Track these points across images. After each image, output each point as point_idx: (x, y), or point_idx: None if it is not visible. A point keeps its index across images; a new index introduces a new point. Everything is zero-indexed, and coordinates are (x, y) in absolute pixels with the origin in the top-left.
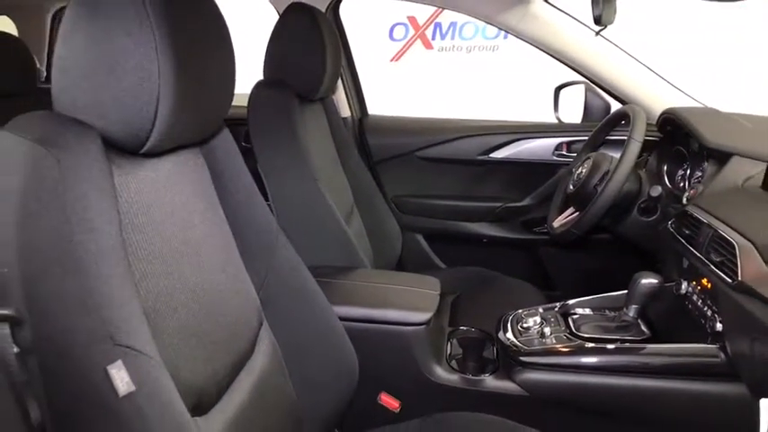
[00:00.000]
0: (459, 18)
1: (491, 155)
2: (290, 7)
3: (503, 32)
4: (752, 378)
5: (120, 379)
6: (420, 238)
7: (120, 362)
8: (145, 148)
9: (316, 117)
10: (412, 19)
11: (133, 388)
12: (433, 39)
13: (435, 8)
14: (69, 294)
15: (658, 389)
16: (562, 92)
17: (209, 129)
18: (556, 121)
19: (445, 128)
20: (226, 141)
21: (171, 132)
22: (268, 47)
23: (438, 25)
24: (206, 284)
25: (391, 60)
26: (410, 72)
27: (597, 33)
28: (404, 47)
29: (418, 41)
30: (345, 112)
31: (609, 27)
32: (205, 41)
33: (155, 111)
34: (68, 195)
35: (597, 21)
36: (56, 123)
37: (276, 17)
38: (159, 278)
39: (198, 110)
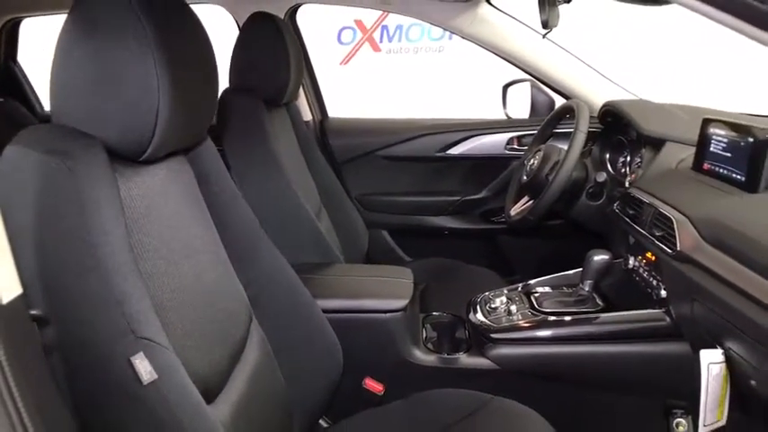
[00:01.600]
0: (405, 21)
1: (448, 151)
2: (253, 16)
3: (447, 34)
4: (693, 335)
5: (144, 368)
6: (385, 233)
7: (141, 353)
8: (145, 155)
9: (282, 121)
10: (359, 22)
11: (156, 376)
12: (381, 41)
13: (382, 11)
14: (91, 292)
15: (614, 353)
16: (509, 89)
17: (198, 136)
18: (505, 118)
19: (404, 127)
20: (209, 148)
21: (168, 140)
22: (233, 55)
23: (385, 28)
24: (201, 283)
25: (341, 64)
26: (360, 75)
27: (544, 36)
28: (352, 50)
29: (366, 44)
30: (307, 115)
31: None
32: (194, 54)
33: (155, 120)
34: (83, 201)
35: (544, 25)
36: (61, 135)
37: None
38: (162, 277)
39: (190, 118)
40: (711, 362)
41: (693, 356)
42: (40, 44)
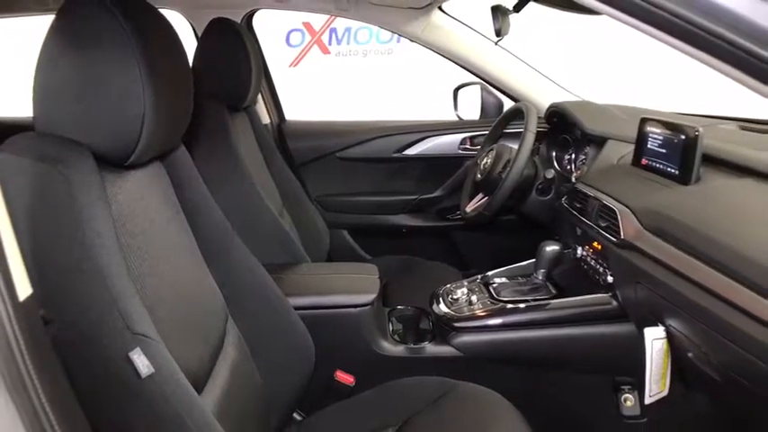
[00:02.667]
0: (354, 23)
1: (404, 152)
2: (213, 22)
3: (396, 37)
4: (637, 316)
5: (141, 363)
6: (345, 233)
7: (138, 348)
8: (130, 160)
9: (243, 125)
10: (307, 25)
11: (153, 370)
12: (330, 44)
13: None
14: (88, 292)
15: (567, 335)
16: (460, 92)
17: (176, 141)
18: (457, 119)
19: (361, 129)
20: (184, 153)
21: (151, 145)
22: (194, 61)
23: (333, 31)
24: (182, 283)
25: (290, 66)
26: (310, 77)
27: (496, 43)
28: (301, 52)
29: (315, 47)
30: (265, 119)
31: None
32: (173, 62)
33: (141, 126)
34: (77, 206)
35: (497, 33)
36: (50, 143)
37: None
38: (148, 277)
39: (171, 124)
40: (654, 338)
41: (638, 335)
42: None
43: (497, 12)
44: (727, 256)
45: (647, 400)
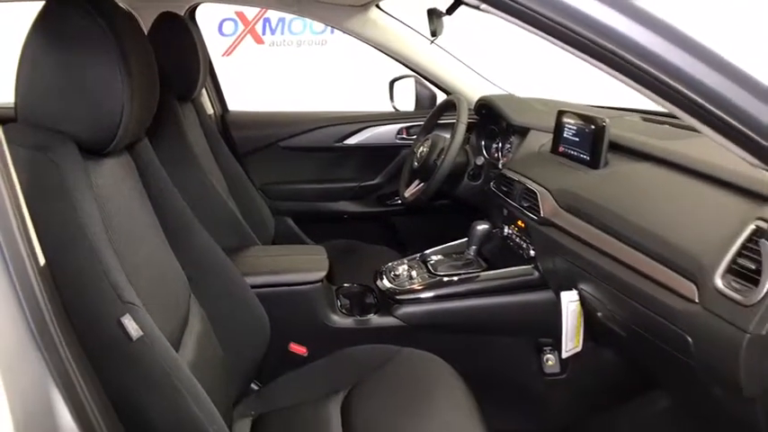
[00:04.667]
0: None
1: (345, 141)
2: (161, 16)
3: (330, 27)
4: (555, 283)
5: (132, 327)
6: (289, 220)
7: (128, 314)
8: (109, 148)
9: (191, 116)
10: (240, 14)
11: (141, 333)
12: (264, 34)
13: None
14: (83, 266)
15: (496, 303)
16: (395, 84)
17: (143, 131)
18: (394, 110)
19: (302, 120)
20: (147, 143)
21: (127, 135)
22: None
23: (267, 20)
24: (152, 261)
25: (223, 55)
26: (243, 67)
27: (432, 42)
28: (234, 42)
29: (249, 36)
30: (209, 109)
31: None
32: (144, 57)
33: (120, 116)
34: (69, 188)
35: (433, 33)
36: (36, 132)
37: None
38: (126, 255)
39: (143, 115)
40: (569, 300)
41: (556, 301)
42: None
43: (432, 14)
44: (630, 230)
45: (564, 355)
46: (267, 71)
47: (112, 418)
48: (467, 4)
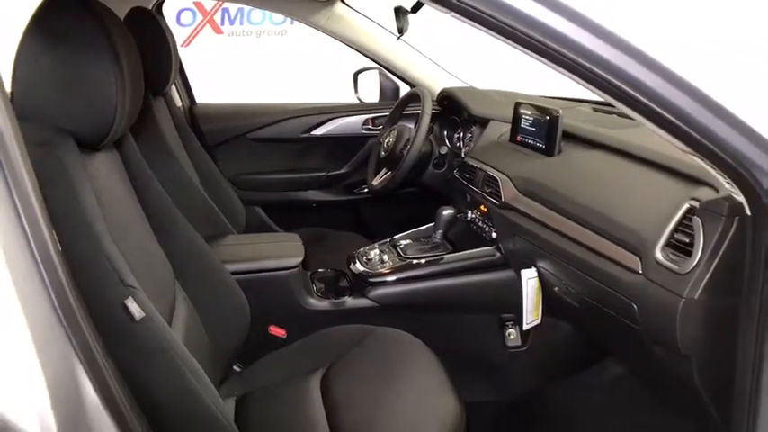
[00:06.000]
0: None
1: (312, 132)
2: (132, 11)
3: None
4: (516, 262)
5: (135, 308)
6: (259, 210)
7: (130, 297)
8: (104, 142)
9: (164, 109)
10: (198, 4)
11: (144, 314)
12: (222, 24)
13: None
14: (88, 252)
15: (461, 283)
16: (360, 76)
17: (128, 126)
18: (359, 102)
19: (270, 111)
20: (130, 138)
21: (119, 129)
22: None
23: (226, 11)
24: (142, 248)
25: (181, 46)
26: (203, 57)
27: (398, 38)
28: (193, 32)
29: (208, 26)
30: (177, 102)
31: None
32: (133, 57)
33: (114, 111)
34: (72, 181)
35: (399, 31)
36: (38, 128)
37: None
38: (120, 241)
39: (132, 109)
40: (529, 277)
41: (517, 278)
42: None
43: (399, 12)
44: (581, 211)
45: (525, 327)
46: (226, 61)
47: (128, 393)
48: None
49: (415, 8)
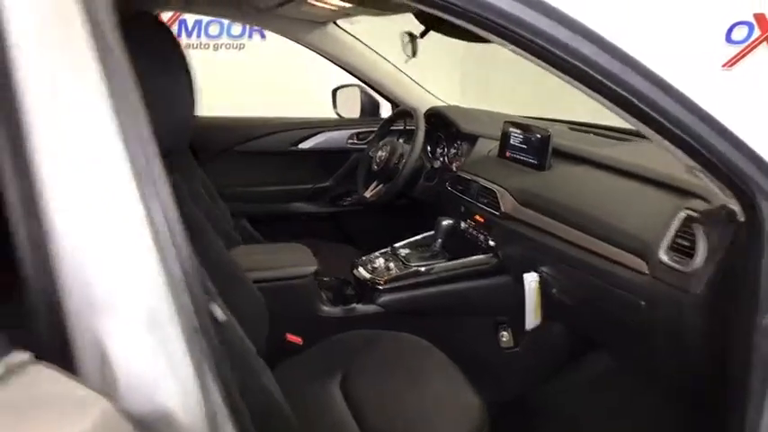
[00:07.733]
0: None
1: (299, 146)
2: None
3: (248, 32)
4: (517, 268)
5: (218, 312)
6: (245, 221)
7: (212, 302)
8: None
9: None
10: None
11: (225, 317)
12: (179, 35)
13: None
14: None
15: (461, 288)
16: (338, 92)
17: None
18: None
19: (258, 125)
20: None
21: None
22: None
23: (183, 22)
24: None
25: None
26: None
27: (406, 62)
28: None
29: None
30: None
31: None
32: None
33: (188, 122)
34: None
35: (409, 55)
36: None
37: None
38: None
39: None
40: (531, 280)
41: (512, 284)
42: None
43: (408, 37)
44: (583, 219)
45: (528, 327)
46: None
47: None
48: (440, 31)
49: (423, 33)
